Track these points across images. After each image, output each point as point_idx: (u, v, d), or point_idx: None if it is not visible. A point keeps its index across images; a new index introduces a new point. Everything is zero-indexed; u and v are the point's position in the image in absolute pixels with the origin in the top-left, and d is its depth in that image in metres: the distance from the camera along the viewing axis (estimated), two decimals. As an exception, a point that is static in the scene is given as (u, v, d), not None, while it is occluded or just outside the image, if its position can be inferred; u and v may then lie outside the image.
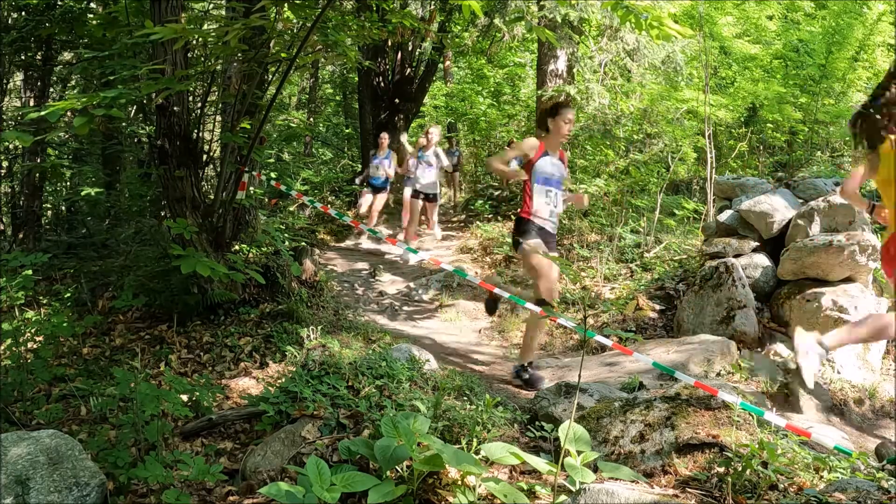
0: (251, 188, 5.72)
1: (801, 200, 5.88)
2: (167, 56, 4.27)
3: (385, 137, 9.86)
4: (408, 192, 8.93)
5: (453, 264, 7.24)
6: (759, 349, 5.11)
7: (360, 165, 13.63)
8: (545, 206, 4.38)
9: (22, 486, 2.25)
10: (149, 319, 4.93)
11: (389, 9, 6.32)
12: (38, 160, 8.08)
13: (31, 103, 8.11)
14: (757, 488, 2.32)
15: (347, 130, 17.47)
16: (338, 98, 19.78)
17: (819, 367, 3.52)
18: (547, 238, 4.42)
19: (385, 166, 9.58)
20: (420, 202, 8.82)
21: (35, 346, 3.90)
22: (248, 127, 4.71)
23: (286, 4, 4.19)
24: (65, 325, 4.01)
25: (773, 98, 10.76)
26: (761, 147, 11.98)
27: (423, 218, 9.20)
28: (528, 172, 4.37)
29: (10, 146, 8.31)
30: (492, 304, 5.04)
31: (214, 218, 4.69)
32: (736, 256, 5.75)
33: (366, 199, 9.75)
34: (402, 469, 2.41)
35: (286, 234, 6.48)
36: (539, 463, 2.34)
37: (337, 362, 3.61)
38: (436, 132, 8.94)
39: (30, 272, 4.33)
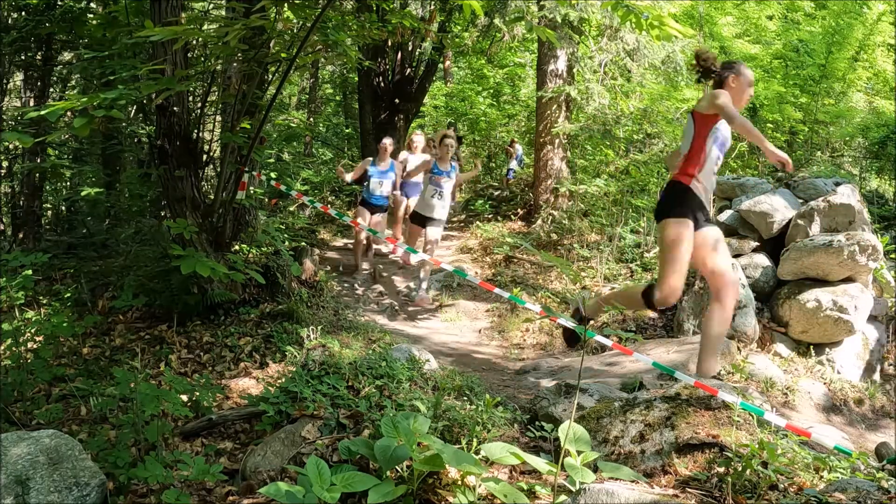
0: (251, 188, 5.72)
1: (801, 200, 5.89)
2: (167, 56, 4.27)
3: (388, 144, 7.79)
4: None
5: (453, 264, 7.24)
6: (758, 350, 5.11)
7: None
8: (710, 176, 3.62)
9: (22, 486, 2.25)
10: (149, 319, 4.94)
11: (389, 9, 6.32)
12: (38, 160, 8.08)
13: (31, 103, 8.11)
14: (757, 488, 2.32)
15: (347, 130, 17.47)
16: (338, 98, 19.78)
17: None
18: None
19: (388, 181, 7.73)
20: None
21: (35, 346, 3.91)
22: (248, 127, 4.71)
23: (286, 4, 4.19)
24: (65, 325, 4.01)
25: (773, 98, 10.76)
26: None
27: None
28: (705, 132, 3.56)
29: (10, 146, 8.31)
30: (573, 338, 4.30)
31: (214, 218, 4.69)
32: (736, 256, 5.75)
33: (363, 218, 7.64)
34: (402, 469, 2.41)
35: (286, 234, 6.48)
36: (539, 463, 2.34)
37: (337, 362, 3.61)
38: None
39: (30, 272, 4.34)
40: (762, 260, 5.70)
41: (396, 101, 12.52)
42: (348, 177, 8.09)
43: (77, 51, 7.81)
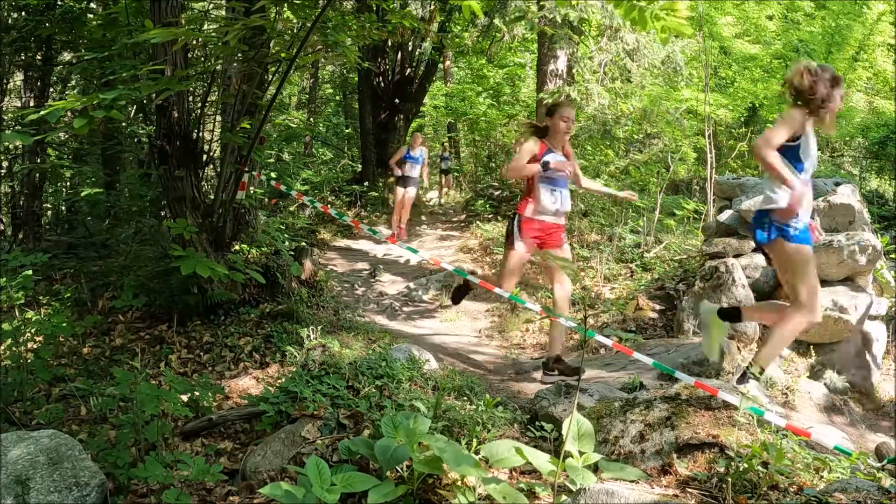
0: (251, 188, 5.72)
1: (801, 200, 5.87)
2: (167, 56, 4.27)
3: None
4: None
5: (453, 264, 7.24)
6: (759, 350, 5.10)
7: (360, 165, 13.64)
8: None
9: (22, 486, 2.25)
10: (149, 319, 4.93)
11: (389, 9, 6.33)
12: (38, 160, 8.08)
13: (31, 103, 8.11)
14: (757, 488, 2.32)
15: (347, 130, 17.48)
16: (338, 98, 19.79)
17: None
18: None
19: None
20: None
21: (35, 346, 3.90)
22: (248, 127, 4.71)
23: (286, 4, 4.19)
24: (65, 325, 4.01)
25: (773, 98, 10.77)
26: (761, 147, 11.95)
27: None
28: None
29: (10, 146, 8.31)
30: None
31: (214, 218, 4.69)
32: (736, 256, 5.74)
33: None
34: (402, 469, 2.41)
35: (286, 234, 6.48)
36: (541, 460, 2.34)
37: (337, 362, 3.61)
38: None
39: (30, 272, 4.34)
40: (762, 260, 5.69)
41: (396, 101, 12.52)
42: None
43: (77, 51, 7.81)
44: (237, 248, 5.20)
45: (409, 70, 12.59)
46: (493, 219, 10.19)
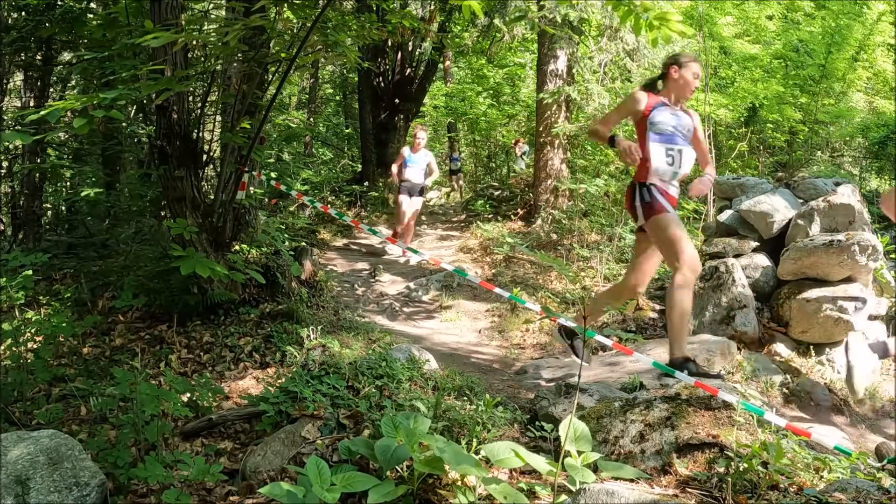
0: (251, 188, 5.72)
1: (801, 200, 5.88)
2: (167, 56, 4.27)
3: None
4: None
5: (453, 264, 7.24)
6: (758, 350, 5.11)
7: (360, 165, 13.64)
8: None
9: (22, 486, 2.25)
10: (149, 319, 4.93)
11: (389, 9, 6.33)
12: (38, 160, 8.07)
13: (31, 103, 8.11)
14: (757, 488, 2.32)
15: (347, 130, 17.47)
16: (338, 98, 19.78)
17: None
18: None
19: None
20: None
21: (35, 346, 3.90)
22: (248, 127, 4.71)
23: (286, 4, 4.19)
24: (65, 325, 4.01)
25: (773, 98, 10.76)
26: (761, 147, 11.98)
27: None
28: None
29: (10, 146, 8.30)
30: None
31: (214, 218, 4.69)
32: (736, 256, 5.75)
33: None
34: (402, 469, 2.41)
35: (286, 234, 6.48)
36: (539, 462, 2.34)
37: (337, 362, 3.61)
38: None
39: (30, 272, 4.34)
40: (762, 260, 5.70)
41: (396, 101, 12.52)
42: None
43: (77, 51, 7.81)
44: (237, 248, 5.20)
45: (409, 70, 12.59)
46: (493, 219, 10.19)
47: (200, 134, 4.76)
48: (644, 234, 3.78)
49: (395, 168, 8.43)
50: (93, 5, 7.18)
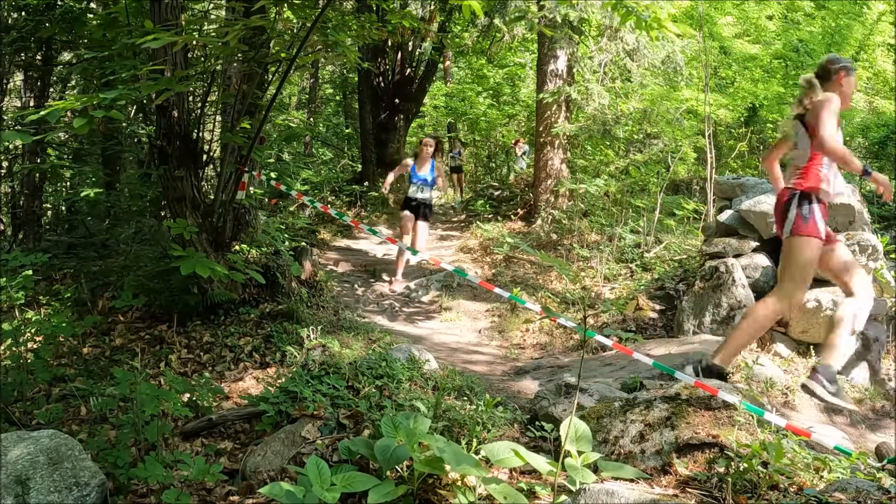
0: (251, 188, 5.72)
1: (801, 200, 5.87)
2: (167, 56, 4.27)
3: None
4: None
5: (453, 264, 7.24)
6: (758, 350, 5.11)
7: (360, 165, 13.64)
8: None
9: (22, 486, 2.25)
10: (149, 319, 4.93)
11: (389, 9, 6.33)
12: (38, 160, 8.08)
13: (31, 103, 8.11)
14: (757, 488, 2.32)
15: (347, 130, 17.48)
16: (338, 98, 19.78)
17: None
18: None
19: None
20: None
21: (35, 346, 3.91)
22: (248, 127, 4.71)
23: (286, 4, 4.19)
24: (65, 325, 4.01)
25: (773, 98, 10.77)
26: (761, 147, 11.98)
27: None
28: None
29: (10, 146, 8.31)
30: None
31: (214, 218, 4.69)
32: (736, 256, 5.74)
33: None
34: (402, 469, 2.41)
35: (286, 234, 6.48)
36: (539, 462, 2.34)
37: (337, 362, 3.61)
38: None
39: (30, 272, 4.34)
40: (762, 260, 5.70)
41: (396, 101, 12.53)
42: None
43: (77, 51, 7.81)
44: (237, 248, 5.20)
45: (409, 70, 12.59)
46: (493, 219, 10.19)
47: (200, 134, 4.76)
48: (825, 247, 3.46)
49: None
50: (93, 5, 7.18)
